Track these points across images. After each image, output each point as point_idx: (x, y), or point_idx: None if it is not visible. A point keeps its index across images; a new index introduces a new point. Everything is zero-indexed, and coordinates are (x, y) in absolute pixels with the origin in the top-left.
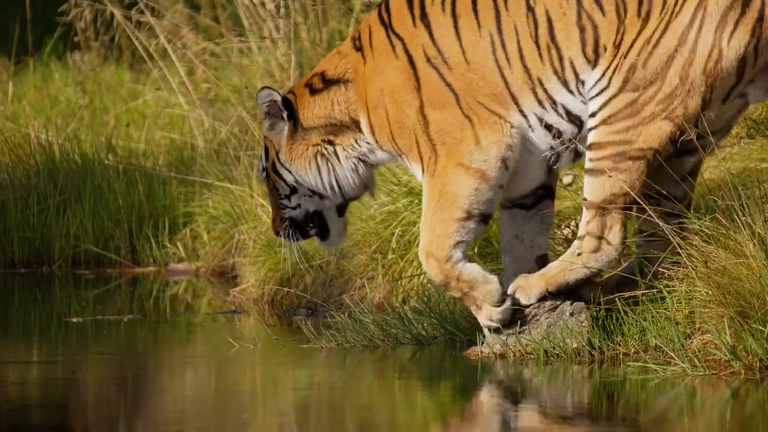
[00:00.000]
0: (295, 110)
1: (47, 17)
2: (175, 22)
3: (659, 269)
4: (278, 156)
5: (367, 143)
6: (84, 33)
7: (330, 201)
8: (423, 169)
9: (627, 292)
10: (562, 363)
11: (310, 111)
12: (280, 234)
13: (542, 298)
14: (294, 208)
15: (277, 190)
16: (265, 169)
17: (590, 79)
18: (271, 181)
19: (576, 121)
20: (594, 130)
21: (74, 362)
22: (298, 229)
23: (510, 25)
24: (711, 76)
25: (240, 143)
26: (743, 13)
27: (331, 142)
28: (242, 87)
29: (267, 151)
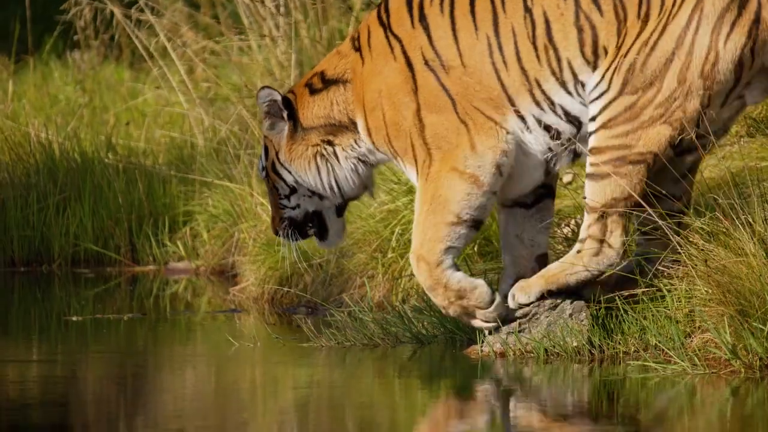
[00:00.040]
0: (295, 110)
1: (47, 16)
2: (175, 20)
3: (659, 268)
4: (278, 156)
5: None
6: (84, 31)
7: (329, 201)
8: (417, 172)
9: (627, 290)
10: (562, 362)
11: (310, 111)
12: (279, 234)
13: (542, 297)
14: (293, 208)
15: (277, 189)
16: (264, 168)
17: (590, 81)
18: (270, 181)
19: (575, 121)
20: (594, 135)
21: (74, 361)
22: (297, 229)
23: (507, 27)
24: (708, 79)
25: (240, 142)
26: (739, 15)
27: (330, 143)
28: (242, 85)
29: (267, 150)
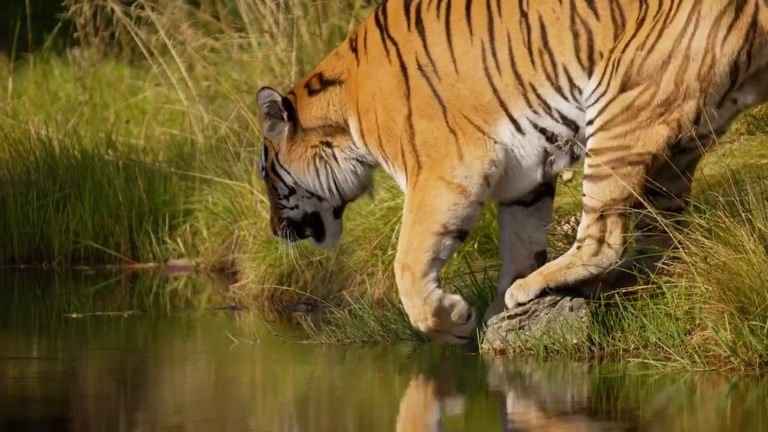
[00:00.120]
0: (295, 111)
1: (47, 13)
2: (175, 17)
3: (659, 265)
4: (277, 157)
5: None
6: (84, 29)
7: (328, 203)
8: (406, 178)
9: (627, 287)
10: (562, 359)
11: (308, 112)
12: (278, 233)
13: (541, 294)
14: (292, 208)
15: (276, 190)
16: (264, 169)
17: (588, 87)
18: (270, 182)
19: (572, 125)
20: (592, 137)
21: (74, 358)
22: (296, 230)
23: (503, 32)
24: (705, 80)
25: (240, 139)
26: (736, 18)
27: (329, 144)
28: (242, 83)
29: (266, 151)
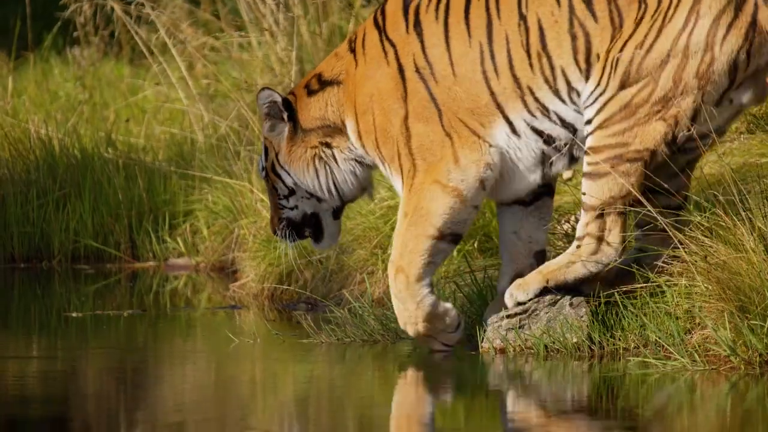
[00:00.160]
0: (295, 112)
1: (47, 13)
2: (175, 16)
3: (659, 264)
4: (277, 157)
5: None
6: (84, 28)
7: (327, 204)
8: (402, 181)
9: (627, 284)
10: (562, 358)
11: (308, 112)
12: (277, 233)
13: (540, 293)
14: (292, 209)
15: (276, 190)
16: (264, 169)
17: (586, 89)
18: (270, 182)
19: (570, 127)
20: (591, 135)
21: (74, 357)
22: (295, 230)
23: (501, 34)
24: (704, 78)
25: (240, 138)
26: (736, 17)
27: (328, 145)
28: (242, 82)
29: (267, 151)
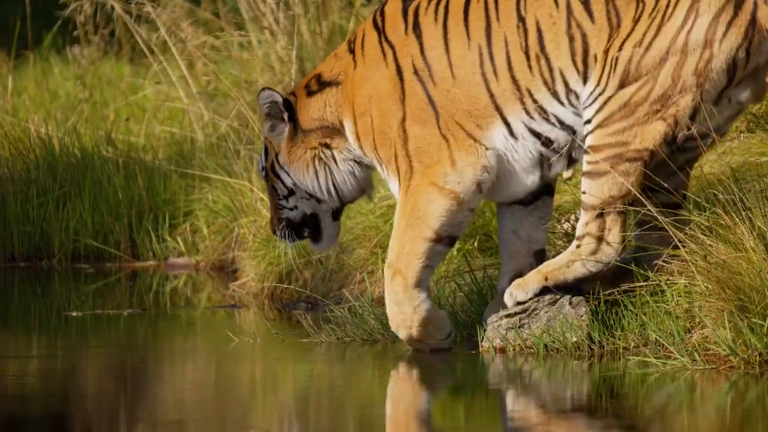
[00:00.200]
0: (295, 112)
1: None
2: (175, 15)
3: (658, 263)
4: (277, 158)
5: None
6: (84, 27)
7: (327, 205)
8: (399, 182)
9: (626, 283)
10: (562, 357)
11: (307, 113)
12: (276, 233)
13: (540, 293)
14: (291, 209)
15: (276, 190)
16: (264, 169)
17: (585, 90)
18: (270, 182)
19: (568, 129)
20: (591, 134)
21: (74, 356)
22: (294, 230)
23: (500, 36)
24: (702, 76)
25: (240, 137)
26: (735, 15)
27: (328, 146)
28: (242, 81)
29: (267, 151)
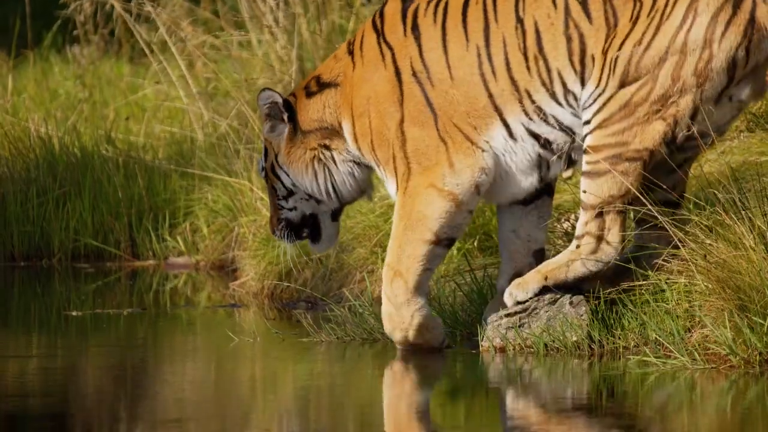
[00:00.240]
0: (295, 113)
1: (47, 11)
2: (175, 15)
3: (658, 262)
4: (277, 158)
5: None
6: (83, 26)
7: (326, 205)
8: (397, 184)
9: (626, 282)
10: (562, 356)
11: (306, 114)
12: (276, 234)
13: (540, 292)
14: (291, 209)
15: (275, 190)
16: (264, 169)
17: (585, 91)
18: (269, 182)
19: (567, 131)
20: (590, 134)
21: (74, 355)
22: (294, 231)
23: (498, 37)
24: (702, 76)
25: (239, 137)
26: (734, 15)
27: (327, 147)
28: (242, 80)
29: (266, 152)
